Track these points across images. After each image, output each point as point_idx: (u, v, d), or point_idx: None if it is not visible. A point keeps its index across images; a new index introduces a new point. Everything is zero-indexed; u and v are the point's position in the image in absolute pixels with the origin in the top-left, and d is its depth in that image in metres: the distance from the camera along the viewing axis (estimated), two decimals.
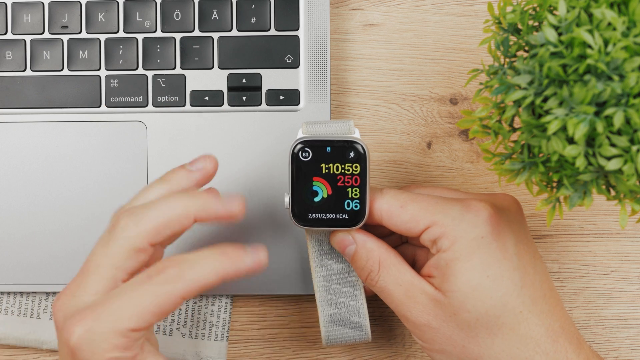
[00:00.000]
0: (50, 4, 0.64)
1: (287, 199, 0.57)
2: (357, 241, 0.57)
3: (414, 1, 0.66)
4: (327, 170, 0.57)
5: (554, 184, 0.50)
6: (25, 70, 0.64)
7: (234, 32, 0.64)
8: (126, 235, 0.53)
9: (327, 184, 0.57)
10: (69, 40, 0.64)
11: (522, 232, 0.57)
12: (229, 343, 0.66)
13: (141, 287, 0.52)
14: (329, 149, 0.56)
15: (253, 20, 0.64)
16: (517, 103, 0.49)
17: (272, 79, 0.64)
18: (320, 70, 0.64)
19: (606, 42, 0.45)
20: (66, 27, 0.64)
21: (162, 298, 0.51)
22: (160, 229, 0.53)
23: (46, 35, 0.64)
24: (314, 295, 0.64)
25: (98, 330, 0.51)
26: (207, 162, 0.56)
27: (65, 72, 0.64)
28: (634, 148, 0.45)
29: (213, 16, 0.64)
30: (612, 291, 0.66)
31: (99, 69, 0.64)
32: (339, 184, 0.57)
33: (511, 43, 0.51)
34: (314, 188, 0.57)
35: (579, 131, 0.45)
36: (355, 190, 0.57)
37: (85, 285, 0.53)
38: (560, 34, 0.47)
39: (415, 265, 0.60)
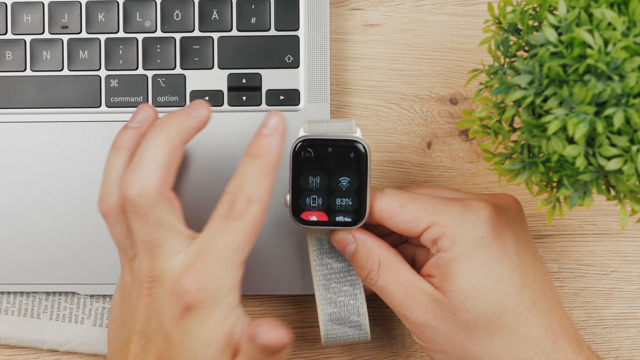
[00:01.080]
0: (50, 4, 0.64)
1: (287, 198, 0.57)
2: (357, 240, 0.57)
3: (414, 1, 0.66)
4: (328, 169, 0.57)
5: (554, 184, 0.50)
6: (25, 70, 0.64)
7: (234, 32, 0.64)
8: (148, 196, 0.53)
9: (327, 183, 0.57)
10: (69, 40, 0.64)
11: (523, 232, 0.57)
12: None
13: (226, 227, 0.53)
14: (330, 148, 0.56)
15: (253, 20, 0.64)
16: (517, 103, 0.49)
17: (272, 79, 0.64)
18: (320, 70, 0.64)
19: (606, 42, 0.45)
20: (66, 27, 0.64)
21: (250, 231, 0.53)
22: (166, 175, 0.53)
23: (46, 35, 0.64)
24: (313, 295, 0.64)
25: (212, 277, 0.52)
26: (147, 111, 0.57)
27: (65, 72, 0.64)
28: (634, 148, 0.45)
29: (213, 16, 0.64)
30: (612, 291, 0.66)
31: (99, 69, 0.64)
32: (339, 183, 0.57)
33: (511, 43, 0.51)
34: (315, 192, 0.57)
35: (579, 131, 0.45)
36: (356, 190, 0.57)
37: (162, 251, 0.53)
38: (560, 34, 0.47)
39: (415, 265, 0.60)
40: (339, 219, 0.57)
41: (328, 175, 0.57)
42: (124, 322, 0.56)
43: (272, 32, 0.64)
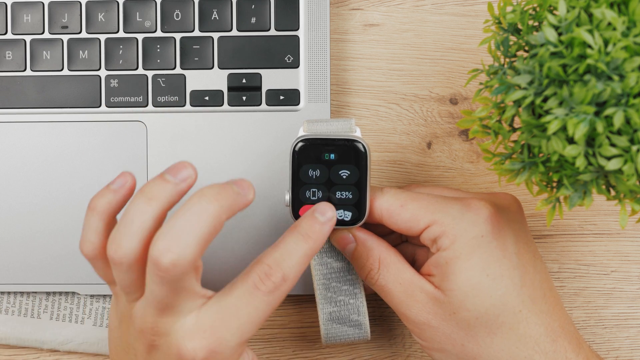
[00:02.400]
0: (50, 4, 0.64)
1: (287, 197, 0.57)
2: (357, 239, 0.57)
3: (414, 1, 0.66)
4: (327, 169, 0.57)
5: (554, 184, 0.50)
6: (25, 70, 0.64)
7: (234, 32, 0.64)
8: (180, 268, 0.50)
9: (327, 182, 0.57)
10: (69, 40, 0.64)
11: (522, 231, 0.57)
12: None
13: (253, 297, 0.51)
14: (329, 147, 0.56)
15: (253, 20, 0.64)
16: (517, 103, 0.49)
17: (272, 79, 0.64)
18: (320, 70, 0.64)
19: (606, 42, 0.45)
20: (66, 27, 0.64)
21: (273, 307, 0.52)
22: (202, 247, 0.50)
23: (46, 35, 0.64)
24: (313, 295, 0.64)
25: (224, 345, 0.51)
26: (189, 170, 0.53)
27: (65, 72, 0.64)
28: (634, 148, 0.45)
29: (213, 16, 0.64)
30: (612, 291, 0.66)
31: (99, 69, 0.64)
32: (339, 182, 0.57)
33: (511, 43, 0.51)
34: (315, 186, 0.57)
35: (579, 131, 0.45)
36: (356, 189, 0.57)
37: (174, 311, 0.51)
38: (560, 34, 0.47)
39: (415, 264, 0.60)
40: (339, 214, 0.57)
41: (328, 172, 0.57)
42: (126, 349, 0.55)
43: (272, 32, 0.64)
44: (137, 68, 0.64)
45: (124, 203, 0.53)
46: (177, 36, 0.64)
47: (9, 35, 0.64)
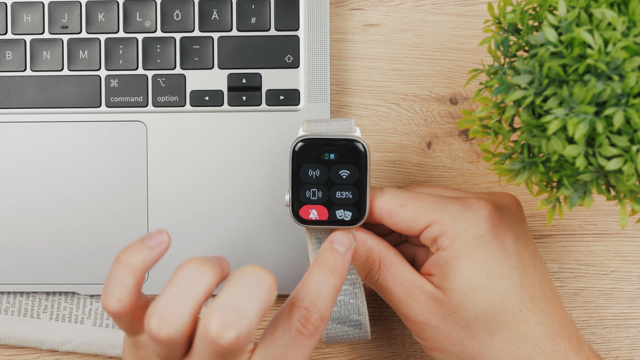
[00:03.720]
0: (50, 4, 0.64)
1: (287, 197, 0.57)
2: (357, 239, 0.57)
3: (414, 1, 0.66)
4: (327, 169, 0.57)
5: (554, 184, 0.50)
6: (25, 70, 0.64)
7: (234, 32, 0.64)
8: (244, 342, 0.48)
9: (327, 182, 0.57)
10: (69, 40, 0.64)
11: (522, 231, 0.57)
12: None
13: (298, 343, 0.51)
14: (329, 147, 0.56)
15: (253, 20, 0.64)
16: (517, 103, 0.49)
17: (272, 79, 0.64)
18: (320, 70, 0.64)
19: (606, 42, 0.45)
20: (66, 27, 0.64)
21: (314, 347, 0.51)
22: (260, 319, 0.49)
23: (46, 35, 0.64)
24: None
25: None
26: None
27: (65, 72, 0.64)
28: (634, 148, 0.45)
29: (213, 16, 0.64)
30: (612, 291, 0.66)
31: (99, 69, 0.64)
32: (339, 182, 0.57)
33: (511, 43, 0.51)
34: (315, 186, 0.57)
35: (579, 131, 0.45)
36: (356, 189, 0.57)
37: None
38: (560, 34, 0.47)
39: (415, 264, 0.60)
40: (339, 213, 0.57)
41: (328, 172, 0.57)
42: None
43: (272, 32, 0.64)
44: (137, 68, 0.64)
45: (156, 262, 0.51)
46: (177, 36, 0.64)
47: (9, 35, 0.64)
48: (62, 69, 0.64)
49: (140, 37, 0.64)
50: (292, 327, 0.51)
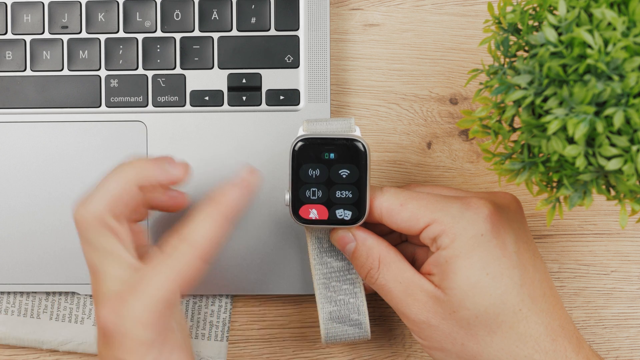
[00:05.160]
0: (50, 4, 0.64)
1: (287, 197, 0.57)
2: (357, 238, 0.57)
3: (414, 1, 0.66)
4: (327, 168, 0.57)
5: (554, 184, 0.51)
6: (25, 70, 0.64)
7: (234, 32, 0.64)
8: (85, 220, 0.54)
9: (327, 182, 0.57)
10: (69, 40, 0.64)
11: (522, 231, 0.57)
12: (229, 343, 0.66)
13: (161, 264, 0.53)
14: (329, 146, 0.57)
15: (253, 20, 0.64)
16: (517, 103, 0.49)
17: (272, 79, 0.64)
18: (320, 70, 0.64)
19: (606, 42, 0.45)
20: (66, 27, 0.64)
21: (189, 268, 0.53)
22: (111, 205, 0.54)
23: (46, 35, 0.64)
24: (313, 295, 0.64)
25: (130, 308, 0.53)
26: (180, 169, 0.57)
27: (65, 72, 0.64)
28: (634, 148, 0.45)
29: (213, 16, 0.64)
30: (612, 291, 0.66)
31: (99, 69, 0.64)
32: (339, 181, 0.57)
33: (511, 43, 0.51)
34: (315, 185, 0.57)
35: (579, 131, 0.45)
36: (356, 189, 0.57)
37: (102, 277, 0.54)
38: (560, 34, 0.47)
39: (415, 263, 0.60)
40: (339, 213, 0.57)
41: (328, 171, 0.57)
42: None
43: (272, 32, 0.64)
44: (137, 68, 0.64)
45: (161, 184, 0.57)
46: (177, 36, 0.64)
47: (9, 35, 0.64)
48: (62, 69, 0.64)
49: (140, 37, 0.64)
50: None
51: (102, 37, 0.64)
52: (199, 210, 0.55)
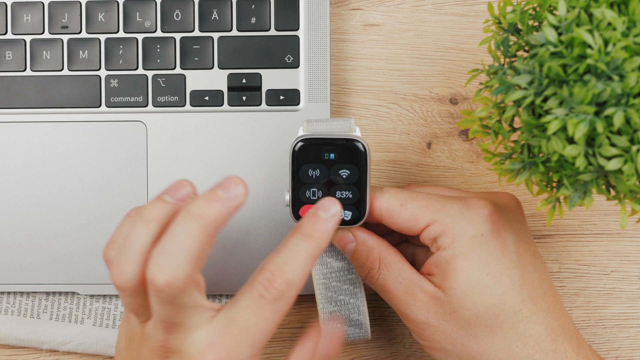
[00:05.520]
0: (50, 4, 0.64)
1: (287, 197, 0.57)
2: (357, 239, 0.57)
3: (414, 1, 0.66)
4: (327, 168, 0.57)
5: (554, 184, 0.51)
6: (25, 70, 0.64)
7: (234, 32, 0.64)
8: (177, 287, 0.49)
9: (327, 182, 0.57)
10: (69, 40, 0.64)
11: (522, 231, 0.57)
12: None
13: (259, 307, 0.50)
14: (329, 147, 0.57)
15: (253, 20, 0.64)
16: (517, 103, 0.49)
17: (272, 79, 0.64)
18: (320, 70, 0.64)
19: (606, 42, 0.45)
20: (66, 27, 0.64)
21: (282, 313, 0.51)
22: (197, 263, 0.50)
23: (46, 35, 0.64)
24: (314, 295, 0.64)
25: (237, 358, 0.50)
26: (187, 189, 0.52)
27: (65, 72, 0.64)
28: (634, 148, 0.45)
29: (213, 16, 0.64)
30: (612, 291, 0.66)
31: (99, 69, 0.64)
32: (339, 182, 0.57)
33: (511, 43, 0.51)
34: (315, 186, 0.57)
35: (579, 131, 0.45)
36: (356, 189, 0.57)
37: (182, 328, 0.51)
38: (560, 34, 0.47)
39: (415, 264, 0.60)
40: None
41: (328, 171, 0.57)
42: None
43: (272, 32, 0.64)
44: (137, 68, 0.64)
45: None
46: (177, 36, 0.64)
47: (9, 35, 0.64)
48: (62, 69, 0.64)
49: (140, 37, 0.64)
50: (255, 290, 0.50)
51: (102, 37, 0.64)
52: (298, 246, 0.51)
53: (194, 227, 0.49)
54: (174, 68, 0.64)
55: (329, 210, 0.52)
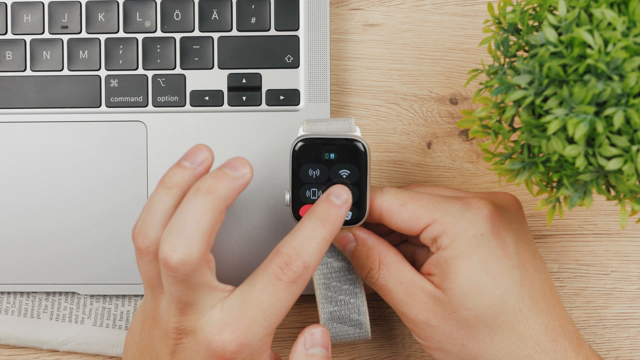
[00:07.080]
0: (50, 4, 0.64)
1: (287, 197, 0.57)
2: (357, 239, 0.57)
3: (414, 1, 0.66)
4: (327, 168, 0.57)
5: (554, 184, 0.51)
6: (25, 70, 0.64)
7: (234, 32, 0.64)
8: (190, 265, 0.50)
9: (327, 182, 0.57)
10: (69, 40, 0.64)
11: (522, 231, 0.57)
12: None
13: (276, 288, 0.51)
14: (329, 147, 0.57)
15: (253, 20, 0.64)
16: (517, 103, 0.49)
17: (272, 79, 0.64)
18: (320, 70, 0.64)
19: (606, 42, 0.45)
20: (66, 27, 0.64)
21: (297, 295, 0.52)
22: (208, 241, 0.51)
23: (46, 35, 0.64)
24: (314, 295, 0.64)
25: (252, 337, 0.51)
26: (205, 153, 0.54)
27: (65, 72, 0.64)
28: (634, 148, 0.46)
29: (213, 16, 0.64)
30: (612, 291, 0.66)
31: (99, 69, 0.64)
32: (339, 182, 0.57)
33: (511, 43, 0.51)
34: (315, 186, 0.57)
35: (579, 131, 0.45)
36: (356, 189, 0.57)
37: (195, 308, 0.51)
38: (560, 34, 0.47)
39: (415, 264, 0.60)
40: None
41: (328, 171, 0.57)
42: (145, 354, 0.55)
43: (272, 32, 0.64)
44: (137, 68, 0.64)
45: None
46: (177, 36, 0.64)
47: (9, 35, 0.64)
48: (62, 69, 0.64)
49: (140, 37, 0.64)
50: (271, 271, 0.51)
51: (102, 37, 0.64)
52: (314, 230, 0.53)
53: (205, 203, 0.51)
54: (174, 68, 0.64)
55: (340, 196, 0.54)
